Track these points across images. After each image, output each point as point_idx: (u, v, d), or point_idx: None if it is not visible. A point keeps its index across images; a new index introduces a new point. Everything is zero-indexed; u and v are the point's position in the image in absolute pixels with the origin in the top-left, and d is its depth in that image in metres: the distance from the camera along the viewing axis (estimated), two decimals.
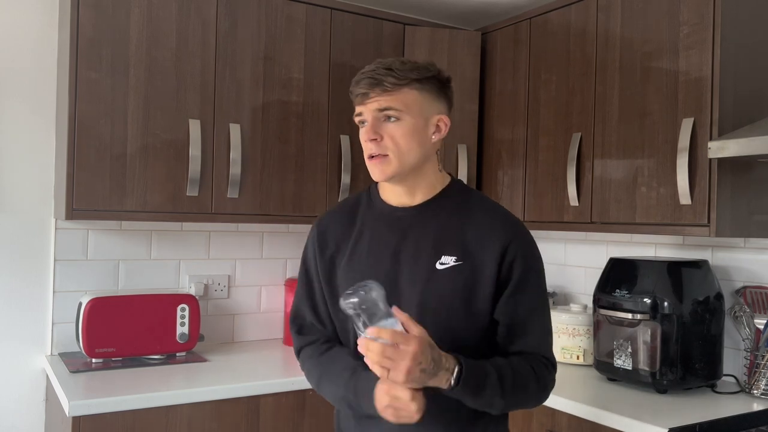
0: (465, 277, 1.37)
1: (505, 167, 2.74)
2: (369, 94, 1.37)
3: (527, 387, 1.36)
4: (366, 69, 1.40)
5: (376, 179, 1.42)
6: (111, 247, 2.57)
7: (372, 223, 1.47)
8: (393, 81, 1.35)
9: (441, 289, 1.37)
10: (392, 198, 1.47)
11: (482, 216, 1.43)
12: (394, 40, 2.77)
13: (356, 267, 1.44)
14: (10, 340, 2.43)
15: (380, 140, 1.38)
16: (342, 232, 1.49)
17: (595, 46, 2.38)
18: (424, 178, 1.44)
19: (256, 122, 2.48)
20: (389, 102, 1.36)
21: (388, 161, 1.38)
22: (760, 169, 2.10)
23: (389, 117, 1.37)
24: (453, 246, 1.39)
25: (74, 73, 2.18)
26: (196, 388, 2.11)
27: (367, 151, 1.40)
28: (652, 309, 2.14)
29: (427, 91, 1.39)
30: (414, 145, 1.38)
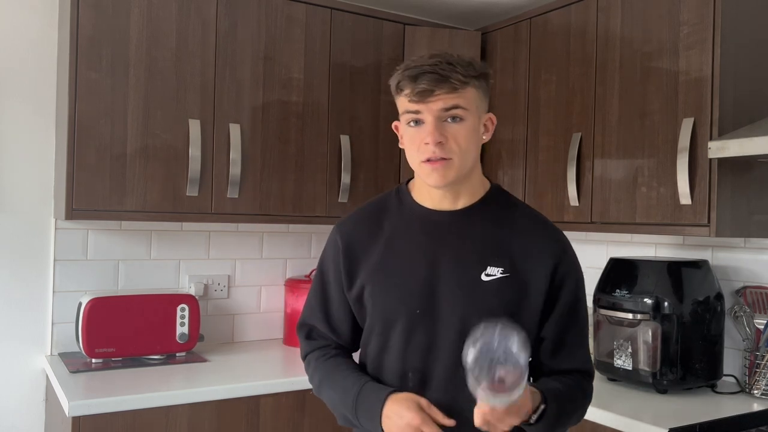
0: (512, 290, 1.31)
1: (505, 167, 2.74)
2: (434, 91, 1.24)
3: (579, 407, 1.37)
4: (420, 62, 1.27)
5: (434, 185, 1.31)
6: (111, 247, 2.57)
7: (404, 228, 1.38)
8: (460, 78, 1.25)
9: (487, 301, 1.29)
10: (429, 201, 1.37)
11: (528, 226, 1.36)
12: (394, 40, 2.77)
13: (389, 273, 1.35)
14: (10, 340, 2.43)
15: (445, 142, 1.26)
16: (369, 237, 1.39)
17: (595, 46, 2.38)
18: (470, 182, 1.36)
19: (256, 122, 2.48)
20: (456, 100, 1.26)
21: (450, 165, 1.28)
22: (760, 169, 2.10)
23: (455, 117, 1.27)
24: (499, 257, 1.31)
25: (74, 73, 2.18)
26: (196, 388, 2.11)
27: (426, 154, 1.27)
28: (652, 309, 2.14)
29: (482, 89, 1.32)
30: (473, 147, 1.31)
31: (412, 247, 1.35)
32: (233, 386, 2.16)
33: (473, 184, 1.37)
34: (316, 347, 1.45)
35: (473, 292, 1.30)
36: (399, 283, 1.33)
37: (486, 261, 1.31)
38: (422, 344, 1.31)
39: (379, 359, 1.37)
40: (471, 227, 1.34)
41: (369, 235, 1.39)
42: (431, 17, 3.03)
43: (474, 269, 1.31)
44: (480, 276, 1.30)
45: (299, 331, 1.50)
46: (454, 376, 1.26)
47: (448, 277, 1.31)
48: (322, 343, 1.45)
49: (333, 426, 2.32)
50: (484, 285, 1.30)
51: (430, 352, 1.31)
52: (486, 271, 1.30)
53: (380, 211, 1.42)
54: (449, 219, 1.35)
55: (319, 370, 1.41)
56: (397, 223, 1.38)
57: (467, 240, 1.33)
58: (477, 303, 1.29)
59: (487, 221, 1.35)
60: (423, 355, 1.31)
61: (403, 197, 1.41)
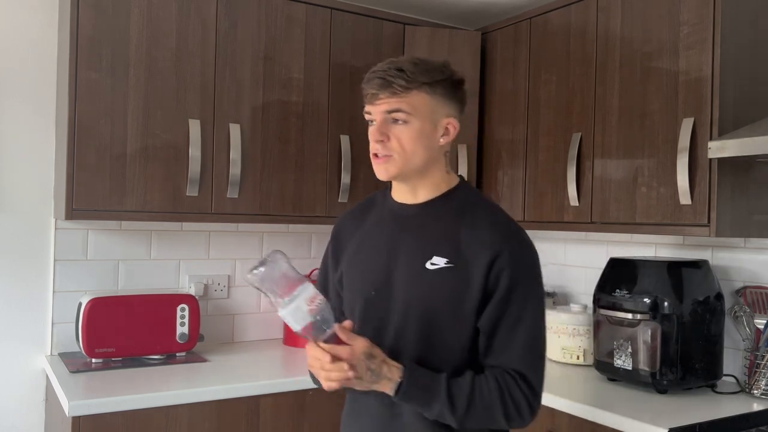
0: (453, 280, 1.36)
1: (505, 167, 2.74)
2: (378, 95, 1.36)
3: (490, 408, 1.32)
4: (378, 67, 1.38)
5: (379, 178, 1.43)
6: (111, 247, 2.57)
7: (379, 220, 1.50)
8: (403, 84, 1.34)
9: (427, 289, 1.37)
10: (399, 196, 1.49)
11: (481, 220, 1.41)
12: (394, 40, 2.77)
13: (358, 260, 1.48)
14: (10, 340, 2.43)
15: (386, 141, 1.38)
16: (354, 229, 1.54)
17: (595, 46, 2.38)
18: (429, 178, 1.43)
19: (256, 122, 2.48)
20: (398, 104, 1.36)
21: (392, 162, 1.39)
22: (760, 169, 2.10)
23: (397, 119, 1.37)
24: (447, 247, 1.38)
25: (74, 73, 2.18)
26: (196, 388, 2.11)
27: (373, 150, 1.41)
28: (652, 309, 2.14)
29: (438, 94, 1.38)
30: (419, 148, 1.38)
31: (380, 236, 1.48)
32: (233, 386, 2.16)
33: (433, 180, 1.44)
34: None
35: (417, 279, 1.38)
36: (363, 268, 1.46)
37: (434, 251, 1.39)
38: (374, 325, 1.41)
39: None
40: (428, 219, 1.43)
41: (355, 226, 1.54)
42: (431, 17, 3.03)
43: (422, 258, 1.39)
44: (425, 264, 1.38)
45: None
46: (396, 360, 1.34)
47: (402, 264, 1.41)
48: None
49: (333, 426, 2.32)
50: (428, 273, 1.37)
51: (380, 333, 1.40)
52: (431, 260, 1.38)
53: (369, 205, 1.57)
54: (411, 212, 1.46)
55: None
56: (376, 216, 1.52)
57: (423, 231, 1.42)
58: (419, 289, 1.38)
59: (444, 214, 1.43)
60: (374, 335, 1.38)
61: (386, 194, 1.54)
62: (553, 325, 2.55)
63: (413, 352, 1.37)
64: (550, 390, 2.13)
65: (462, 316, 1.36)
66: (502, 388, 1.32)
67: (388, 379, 1.30)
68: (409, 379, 1.30)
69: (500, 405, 1.32)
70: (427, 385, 1.31)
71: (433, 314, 1.37)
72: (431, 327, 1.37)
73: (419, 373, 1.32)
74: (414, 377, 1.31)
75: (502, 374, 1.34)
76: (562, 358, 2.53)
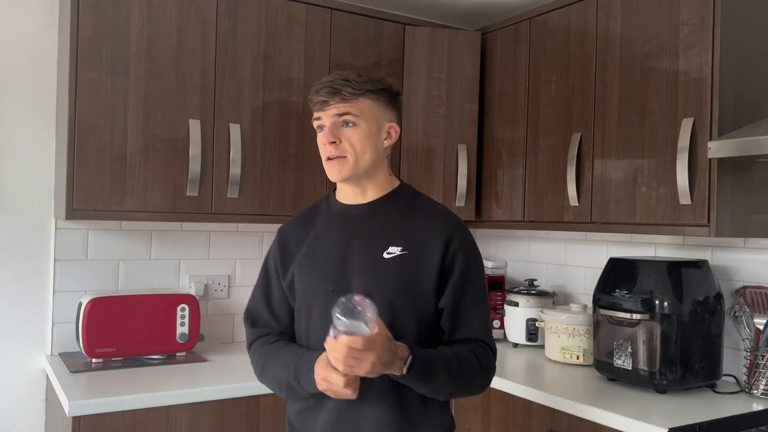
0: (409, 265, 1.49)
1: (505, 167, 2.74)
2: (329, 102, 1.50)
3: (472, 373, 1.47)
4: (325, 79, 1.53)
5: (333, 179, 1.54)
6: (111, 247, 2.58)
7: (328, 223, 1.60)
8: (350, 90, 1.49)
9: (385, 276, 1.48)
10: (346, 198, 1.60)
11: (427, 213, 1.56)
12: (394, 40, 2.77)
13: (312, 260, 1.57)
14: (10, 340, 2.43)
15: (338, 143, 1.51)
16: (301, 234, 1.62)
17: (595, 46, 2.38)
18: (375, 179, 1.57)
19: (256, 122, 2.48)
20: (347, 108, 1.50)
21: (345, 162, 1.51)
22: (760, 169, 2.10)
23: (347, 122, 1.50)
24: (399, 238, 1.51)
25: (74, 73, 2.18)
26: (196, 388, 2.11)
27: (326, 154, 1.52)
28: (652, 309, 2.14)
29: (380, 101, 1.53)
30: (368, 149, 1.51)
31: (331, 236, 1.57)
32: (233, 386, 2.16)
33: (379, 181, 1.58)
34: (259, 335, 1.64)
35: (376, 268, 1.49)
36: (317, 268, 1.55)
37: (389, 242, 1.51)
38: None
39: (305, 338, 1.56)
40: (378, 216, 1.56)
41: (302, 232, 1.63)
42: (431, 17, 3.03)
43: (378, 249, 1.51)
44: (382, 254, 1.50)
45: (245, 319, 1.68)
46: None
47: (357, 258, 1.51)
48: (265, 331, 1.64)
49: None
50: (386, 262, 1.49)
51: None
52: (387, 250, 1.50)
53: (312, 212, 1.67)
54: (360, 211, 1.57)
55: (263, 354, 1.59)
56: (323, 220, 1.62)
57: (374, 226, 1.54)
58: (379, 277, 1.49)
59: (392, 211, 1.56)
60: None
61: (330, 200, 1.65)
62: (553, 325, 2.55)
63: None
64: (550, 390, 2.13)
65: (419, 298, 1.49)
66: (477, 356, 1.49)
67: (400, 358, 1.36)
68: (416, 353, 1.39)
69: (477, 370, 1.48)
70: (428, 359, 1.41)
71: (391, 300, 1.46)
72: (392, 312, 1.45)
73: (422, 351, 1.41)
74: (420, 353, 1.40)
75: (473, 346, 1.50)
76: (562, 358, 2.53)
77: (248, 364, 2.43)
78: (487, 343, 1.53)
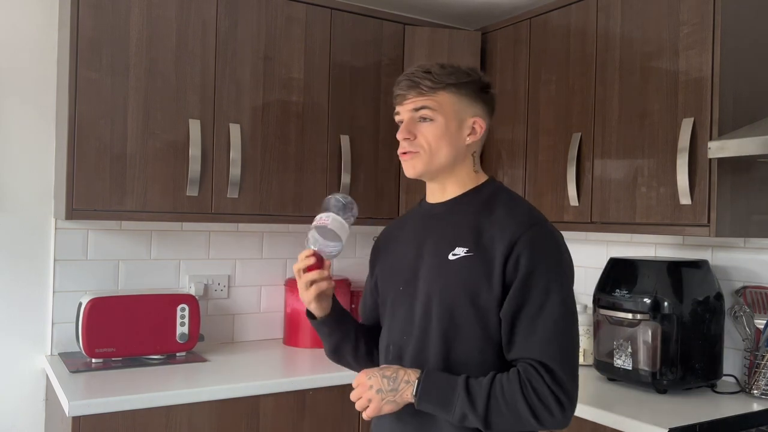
0: (473, 268, 1.35)
1: (505, 167, 2.74)
2: (406, 96, 1.43)
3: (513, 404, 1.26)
4: (407, 71, 1.46)
5: (407, 175, 1.48)
6: (111, 247, 2.57)
7: (414, 221, 1.55)
8: (429, 84, 1.41)
9: (448, 279, 1.38)
10: (431, 197, 1.54)
11: (501, 209, 1.41)
12: (394, 40, 2.77)
13: (391, 260, 1.54)
14: (10, 340, 2.43)
15: (413, 139, 1.43)
16: (392, 235, 1.60)
17: (595, 46, 2.38)
18: (456, 176, 1.48)
19: (256, 122, 2.48)
20: (425, 102, 1.42)
21: (417, 158, 1.44)
22: (760, 169, 2.10)
23: (423, 117, 1.43)
24: (468, 238, 1.40)
25: (74, 73, 2.18)
26: (196, 388, 2.11)
27: (401, 149, 1.46)
28: (652, 309, 2.14)
29: (464, 95, 1.44)
30: (444, 145, 1.43)
31: (410, 235, 1.52)
32: (233, 386, 2.16)
33: (460, 178, 1.48)
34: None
35: (440, 270, 1.41)
36: (394, 266, 1.52)
37: (456, 243, 1.41)
38: (402, 319, 1.45)
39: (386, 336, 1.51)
40: (454, 215, 1.46)
41: (393, 233, 1.60)
42: (431, 17, 3.03)
43: (445, 250, 1.42)
44: (448, 256, 1.40)
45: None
46: (420, 353, 1.39)
47: (428, 258, 1.44)
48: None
49: (333, 426, 2.32)
50: (450, 263, 1.39)
51: (407, 327, 1.44)
52: (453, 251, 1.40)
53: (406, 217, 1.62)
54: (438, 209, 1.50)
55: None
56: (412, 221, 1.57)
57: (447, 225, 1.46)
58: (441, 280, 1.39)
59: (469, 209, 1.45)
60: (402, 329, 1.44)
61: (421, 202, 1.59)
62: None
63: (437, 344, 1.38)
64: None
65: (481, 306, 1.34)
66: (523, 381, 1.27)
67: (406, 381, 1.32)
68: (426, 377, 1.32)
69: (523, 399, 1.26)
70: (444, 384, 1.31)
71: (453, 304, 1.36)
72: (452, 318, 1.36)
73: (437, 374, 1.34)
74: (431, 376, 1.32)
75: (524, 367, 1.29)
76: None
77: (248, 364, 2.45)
78: (548, 367, 1.26)
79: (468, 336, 1.35)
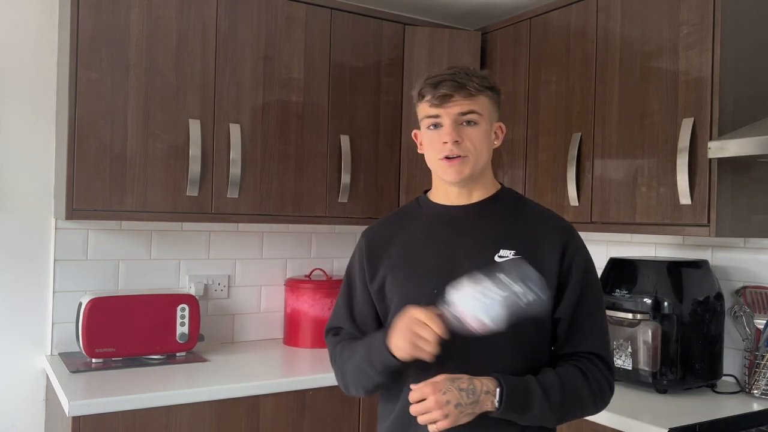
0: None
1: (505, 167, 2.74)
2: (453, 96, 1.40)
3: (580, 395, 1.35)
4: (441, 73, 1.42)
5: (451, 180, 1.44)
6: (111, 247, 2.57)
7: (424, 225, 1.50)
8: (476, 86, 1.40)
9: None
10: (446, 199, 1.50)
11: (536, 216, 1.47)
12: (394, 40, 2.77)
13: (409, 263, 1.46)
14: (10, 340, 2.43)
15: (461, 142, 1.41)
16: (391, 236, 1.52)
17: (595, 46, 2.38)
18: (483, 181, 1.49)
19: (256, 122, 2.48)
20: (471, 106, 1.40)
21: (466, 162, 1.42)
22: (760, 169, 2.10)
23: (470, 121, 1.41)
24: (511, 241, 1.41)
25: (74, 73, 2.18)
26: (196, 388, 2.11)
27: (444, 152, 1.42)
28: (652, 309, 2.14)
29: (494, 100, 1.46)
30: (485, 150, 1.44)
31: (431, 238, 1.47)
32: (233, 386, 2.16)
33: (485, 183, 1.49)
34: (339, 341, 1.53)
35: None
36: (419, 270, 1.44)
37: (499, 245, 1.41)
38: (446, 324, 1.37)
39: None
40: (485, 218, 1.46)
41: (391, 235, 1.52)
42: (431, 17, 3.03)
43: (488, 252, 1.40)
44: (493, 258, 1.39)
45: (326, 336, 1.59)
46: (470, 355, 1.35)
47: (465, 260, 1.40)
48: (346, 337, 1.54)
49: (333, 426, 2.32)
50: (497, 266, 1.37)
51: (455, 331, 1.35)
52: (499, 253, 1.40)
53: (402, 216, 1.57)
54: (465, 212, 1.47)
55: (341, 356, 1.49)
56: (418, 223, 1.51)
57: (481, 228, 1.45)
58: None
59: (499, 212, 1.47)
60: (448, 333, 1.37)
61: (422, 202, 1.55)
62: None
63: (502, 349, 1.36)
64: None
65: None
66: (586, 373, 1.37)
67: (486, 392, 1.28)
68: (506, 383, 1.29)
69: (587, 390, 1.36)
70: (523, 388, 1.31)
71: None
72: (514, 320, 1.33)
73: (511, 379, 1.31)
74: (508, 382, 1.30)
75: (580, 360, 1.39)
76: None
77: (248, 364, 2.45)
78: (603, 357, 1.41)
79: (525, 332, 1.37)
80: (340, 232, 3.06)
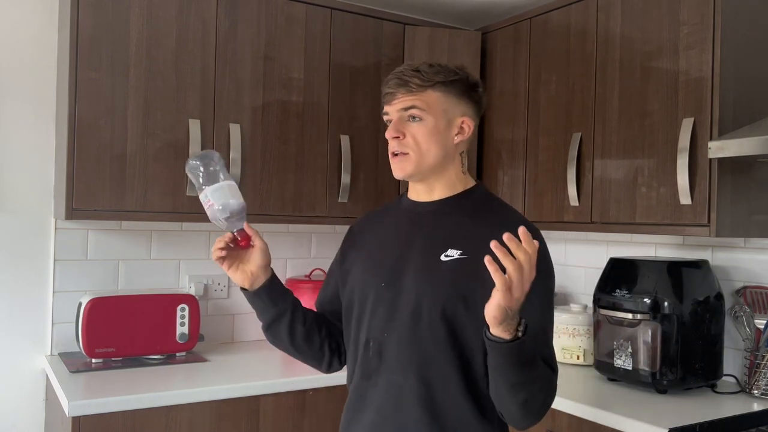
0: (468, 272, 1.36)
1: (505, 167, 2.74)
2: (395, 94, 1.42)
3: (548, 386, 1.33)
4: (396, 70, 1.44)
5: (395, 176, 1.46)
6: (111, 247, 2.57)
7: (395, 218, 1.54)
8: (418, 82, 1.40)
9: (438, 279, 1.38)
10: (414, 195, 1.52)
11: (494, 216, 1.43)
12: (394, 40, 2.77)
13: (370, 255, 1.51)
14: (10, 340, 2.43)
15: (402, 138, 1.42)
16: (368, 228, 1.58)
17: (595, 46, 2.38)
18: (445, 177, 1.46)
19: (256, 122, 2.48)
20: (414, 101, 1.41)
21: (407, 159, 1.43)
22: (760, 169, 2.10)
23: (412, 117, 1.42)
24: (461, 241, 1.40)
25: (74, 73, 2.18)
26: (196, 388, 2.11)
27: (390, 149, 1.45)
28: (652, 309, 2.14)
29: (452, 94, 1.43)
30: (433, 145, 1.42)
31: (397, 233, 1.50)
32: (233, 386, 2.16)
33: (449, 179, 1.47)
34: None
35: (431, 270, 1.40)
36: (375, 261, 1.49)
37: (449, 244, 1.41)
38: (383, 316, 1.43)
39: (354, 328, 1.49)
40: (444, 216, 1.46)
41: (370, 227, 1.58)
42: (431, 17, 3.03)
43: (436, 251, 1.41)
44: (440, 257, 1.40)
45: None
46: (405, 350, 1.39)
47: (416, 257, 1.43)
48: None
49: (333, 426, 2.32)
50: (442, 265, 1.39)
51: (388, 324, 1.42)
52: (446, 252, 1.40)
53: (385, 209, 1.62)
54: (425, 208, 1.49)
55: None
56: (393, 217, 1.55)
57: (437, 226, 1.45)
58: (432, 281, 1.39)
59: (459, 211, 1.46)
60: (382, 326, 1.42)
61: (402, 197, 1.58)
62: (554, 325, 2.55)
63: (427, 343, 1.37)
64: None
65: (474, 307, 1.34)
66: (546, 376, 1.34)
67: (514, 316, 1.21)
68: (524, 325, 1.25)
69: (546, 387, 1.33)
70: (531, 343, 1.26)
71: (444, 305, 1.36)
72: (446, 320, 1.36)
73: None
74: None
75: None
76: (562, 358, 2.53)
77: (248, 364, 2.45)
78: (546, 360, 1.35)
79: (467, 336, 1.36)
80: (340, 232, 3.06)
